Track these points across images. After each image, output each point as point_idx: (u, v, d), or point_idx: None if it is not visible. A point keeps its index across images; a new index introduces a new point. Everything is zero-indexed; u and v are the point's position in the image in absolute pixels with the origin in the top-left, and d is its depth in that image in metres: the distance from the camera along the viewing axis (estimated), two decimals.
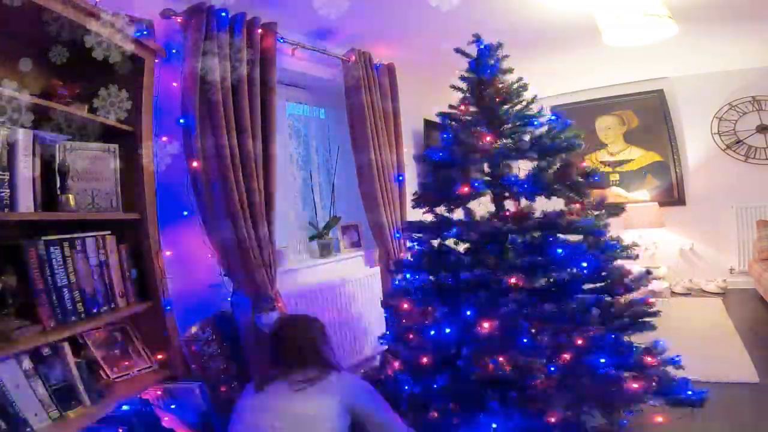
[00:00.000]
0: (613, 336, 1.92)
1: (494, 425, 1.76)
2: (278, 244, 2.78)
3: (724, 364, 2.83)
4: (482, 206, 2.29)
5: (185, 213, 2.34)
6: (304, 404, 1.63)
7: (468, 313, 1.96)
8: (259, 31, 2.54)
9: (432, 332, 2.04)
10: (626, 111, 5.20)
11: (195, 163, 2.29)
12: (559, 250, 1.96)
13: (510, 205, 2.24)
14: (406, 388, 2.09)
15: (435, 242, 2.31)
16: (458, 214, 2.33)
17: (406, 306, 2.24)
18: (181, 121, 2.30)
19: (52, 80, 1.71)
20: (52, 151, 1.65)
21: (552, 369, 1.81)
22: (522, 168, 2.22)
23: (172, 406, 1.95)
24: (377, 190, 3.32)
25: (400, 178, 3.58)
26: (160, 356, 1.97)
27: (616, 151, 5.32)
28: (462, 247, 2.27)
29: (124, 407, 1.74)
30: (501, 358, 1.80)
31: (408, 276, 2.30)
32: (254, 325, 2.42)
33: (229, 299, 2.48)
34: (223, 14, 2.37)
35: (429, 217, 2.41)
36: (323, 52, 3.15)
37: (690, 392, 1.91)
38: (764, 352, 2.97)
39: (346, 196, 3.70)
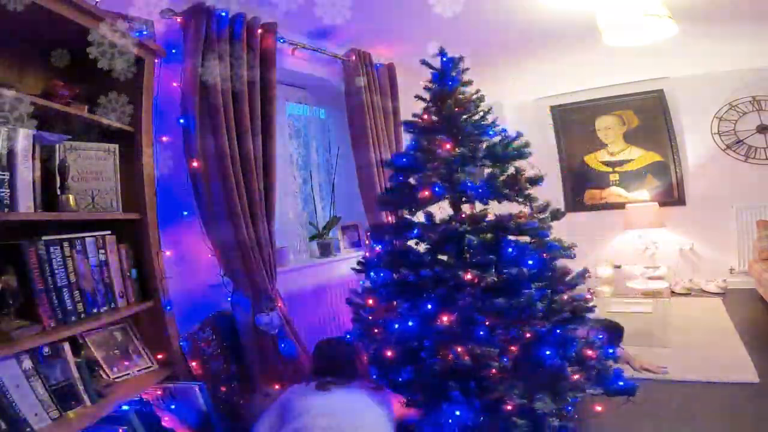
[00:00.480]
0: (558, 330, 2.10)
1: (457, 413, 1.91)
2: (278, 244, 2.78)
3: (724, 364, 2.83)
4: (442, 210, 2.44)
5: (185, 213, 2.35)
6: (372, 405, 1.84)
7: (429, 307, 2.13)
8: (259, 31, 2.55)
9: (396, 326, 2.18)
10: (626, 111, 5.20)
11: (195, 163, 2.29)
12: (510, 250, 2.15)
13: (467, 209, 2.41)
14: (374, 378, 2.23)
15: (398, 242, 2.45)
16: (421, 217, 2.46)
17: (370, 302, 2.39)
18: (181, 121, 2.30)
19: (53, 80, 1.71)
20: (52, 151, 1.65)
21: (505, 360, 1.99)
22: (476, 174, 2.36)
23: (172, 406, 1.95)
24: (377, 190, 3.32)
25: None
26: (160, 356, 1.97)
27: (616, 151, 5.32)
28: (423, 247, 2.40)
29: (124, 407, 1.74)
30: (459, 348, 1.97)
31: (373, 274, 2.43)
32: (254, 325, 2.42)
33: (229, 299, 2.48)
34: (223, 14, 2.37)
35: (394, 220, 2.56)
36: (323, 52, 3.16)
37: (622, 383, 2.10)
38: (764, 352, 2.97)
39: (346, 196, 3.70)
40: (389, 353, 2.19)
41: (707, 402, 2.42)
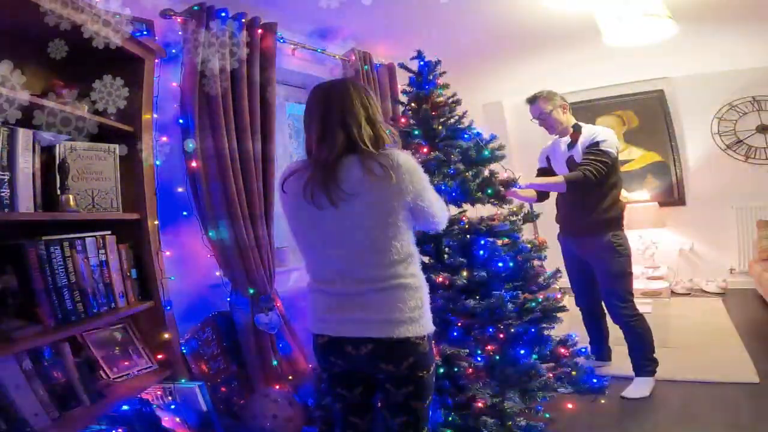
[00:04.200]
0: (532, 330, 2.15)
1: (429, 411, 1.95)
2: (278, 243, 2.78)
3: (724, 364, 2.83)
4: None
5: (185, 213, 2.34)
6: None
7: None
8: (259, 31, 2.54)
9: None
10: (626, 111, 5.19)
11: (194, 163, 2.29)
12: (481, 252, 2.18)
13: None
14: None
15: None
16: None
17: None
18: (181, 121, 2.30)
19: (53, 80, 1.71)
20: (52, 151, 1.65)
21: (478, 359, 2.03)
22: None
23: (172, 406, 1.95)
24: None
25: None
26: (160, 356, 1.97)
27: None
28: None
29: (124, 407, 1.74)
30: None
31: None
32: (253, 325, 2.41)
33: (228, 299, 2.48)
34: (223, 14, 2.37)
35: None
36: (323, 52, 3.15)
37: (594, 380, 2.15)
38: (764, 352, 2.97)
39: None
40: None
41: (707, 402, 2.42)
